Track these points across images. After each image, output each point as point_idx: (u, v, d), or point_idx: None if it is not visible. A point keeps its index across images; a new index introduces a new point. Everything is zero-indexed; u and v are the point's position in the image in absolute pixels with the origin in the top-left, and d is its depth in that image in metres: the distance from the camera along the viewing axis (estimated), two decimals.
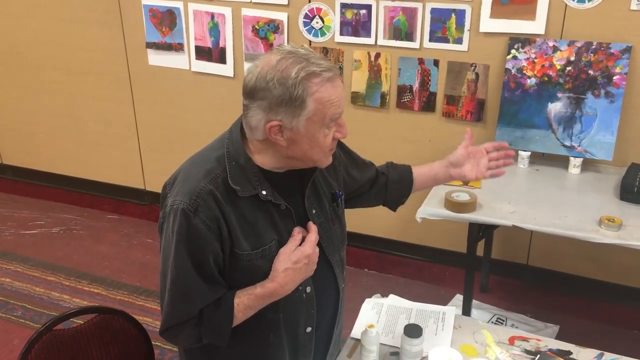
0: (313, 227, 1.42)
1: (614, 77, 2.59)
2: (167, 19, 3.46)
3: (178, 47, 3.50)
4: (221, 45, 3.37)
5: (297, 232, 1.40)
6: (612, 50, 2.59)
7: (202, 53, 3.45)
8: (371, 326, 1.54)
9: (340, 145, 1.63)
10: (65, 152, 4.16)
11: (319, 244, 1.44)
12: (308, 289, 1.45)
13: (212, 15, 3.34)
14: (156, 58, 3.59)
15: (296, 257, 1.36)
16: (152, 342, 1.73)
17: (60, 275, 3.36)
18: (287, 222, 1.41)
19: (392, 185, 1.76)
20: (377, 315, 1.76)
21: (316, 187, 1.50)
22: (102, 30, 3.67)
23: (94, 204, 4.14)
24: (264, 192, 1.36)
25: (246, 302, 1.36)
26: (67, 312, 1.62)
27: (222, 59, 3.40)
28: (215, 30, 3.36)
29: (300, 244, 1.39)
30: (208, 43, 3.41)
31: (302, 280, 1.40)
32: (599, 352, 1.59)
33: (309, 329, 1.49)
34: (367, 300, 1.83)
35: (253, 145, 1.38)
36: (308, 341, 1.50)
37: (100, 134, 3.98)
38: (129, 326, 1.68)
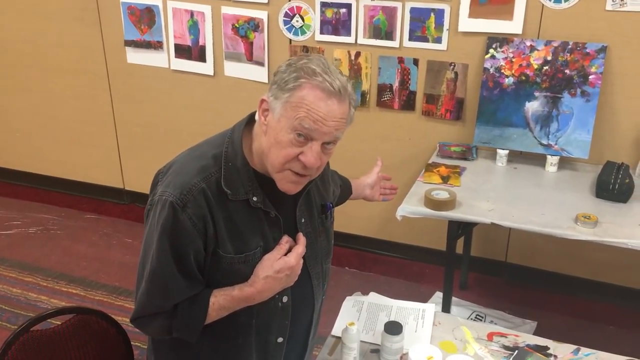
0: (302, 240, 1.39)
1: (590, 77, 2.63)
2: (146, 16, 3.43)
3: (157, 45, 3.47)
4: (201, 43, 3.36)
5: (285, 242, 1.38)
6: (588, 50, 2.62)
7: (182, 51, 3.42)
8: (352, 324, 1.54)
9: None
10: (42, 151, 4.10)
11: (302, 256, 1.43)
12: (285, 299, 1.43)
13: (192, 13, 3.32)
14: (135, 56, 3.56)
15: (279, 266, 1.34)
16: (132, 343, 1.72)
17: (38, 275, 3.32)
18: (274, 230, 1.40)
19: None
20: (358, 313, 1.77)
21: (309, 198, 1.48)
22: (79, 28, 3.62)
23: (72, 203, 4.09)
24: (255, 199, 1.35)
25: (222, 302, 1.35)
26: (44, 312, 1.60)
27: (201, 57, 3.39)
28: (194, 28, 3.34)
29: (286, 254, 1.37)
30: (187, 41, 3.39)
31: (281, 289, 1.38)
32: (575, 347, 1.62)
33: (280, 339, 1.47)
34: (347, 298, 1.84)
35: (253, 141, 1.37)
36: (278, 352, 1.49)
37: (78, 133, 3.93)
38: (108, 326, 1.66)
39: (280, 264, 1.34)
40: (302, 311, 1.51)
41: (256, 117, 1.37)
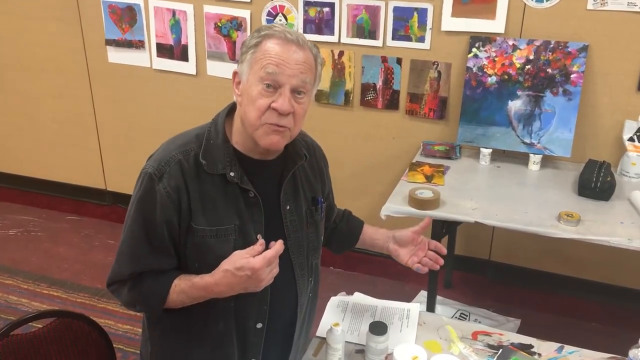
0: (276, 246, 1.34)
1: (572, 76, 2.65)
2: (127, 15, 3.40)
3: (139, 44, 3.44)
4: (183, 42, 3.33)
5: (260, 244, 1.34)
6: (569, 49, 2.64)
7: (164, 50, 3.39)
8: (336, 324, 1.53)
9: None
10: (22, 152, 4.04)
11: (284, 242, 1.42)
12: None
13: (174, 12, 3.29)
14: (116, 55, 3.52)
15: (240, 264, 1.31)
16: (114, 346, 1.70)
17: (18, 278, 3.27)
18: (254, 210, 1.41)
19: (338, 236, 1.77)
20: (343, 314, 1.76)
21: (296, 184, 1.50)
22: (59, 27, 3.58)
23: (53, 204, 4.04)
24: (232, 174, 1.37)
25: (183, 286, 1.38)
26: (24, 316, 1.57)
27: (184, 57, 3.36)
28: (176, 27, 3.31)
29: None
30: (170, 40, 3.36)
31: (242, 291, 1.35)
32: (559, 345, 1.63)
33: (259, 325, 1.47)
34: (332, 298, 1.83)
35: (235, 122, 1.42)
36: (258, 338, 1.49)
37: (59, 133, 3.89)
38: (90, 329, 1.64)
39: (242, 262, 1.31)
40: (283, 300, 1.50)
41: (234, 98, 1.42)
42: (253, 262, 1.31)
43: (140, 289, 1.41)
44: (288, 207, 1.47)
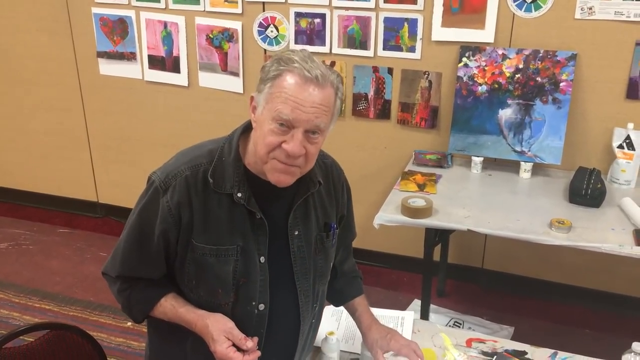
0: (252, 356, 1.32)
1: (561, 84, 2.68)
2: (119, 27, 3.40)
3: (130, 57, 3.44)
4: (175, 54, 3.34)
5: (254, 342, 1.33)
6: (558, 58, 2.67)
7: (155, 62, 3.40)
8: (331, 333, 1.54)
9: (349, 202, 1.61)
10: (13, 164, 4.02)
11: (290, 268, 1.42)
12: (261, 307, 1.40)
13: (165, 24, 3.30)
14: (107, 67, 3.53)
15: (219, 343, 1.30)
16: (108, 359, 1.69)
17: (10, 292, 3.24)
18: (259, 233, 1.38)
19: (329, 289, 1.63)
20: (337, 323, 1.76)
21: (308, 208, 1.45)
22: (51, 39, 3.58)
23: (44, 217, 4.02)
24: (239, 195, 1.34)
25: (167, 310, 1.39)
26: (16, 329, 1.56)
27: (175, 68, 3.37)
28: (168, 39, 3.32)
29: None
30: (161, 52, 3.36)
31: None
32: (552, 351, 1.63)
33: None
34: (327, 307, 1.83)
35: (250, 143, 1.37)
36: None
37: (50, 146, 3.87)
38: (83, 342, 1.63)
39: (220, 348, 1.30)
40: (283, 325, 1.46)
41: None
42: (217, 349, 1.30)
43: (127, 296, 1.43)
44: (296, 232, 1.43)
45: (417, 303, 2.99)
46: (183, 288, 1.41)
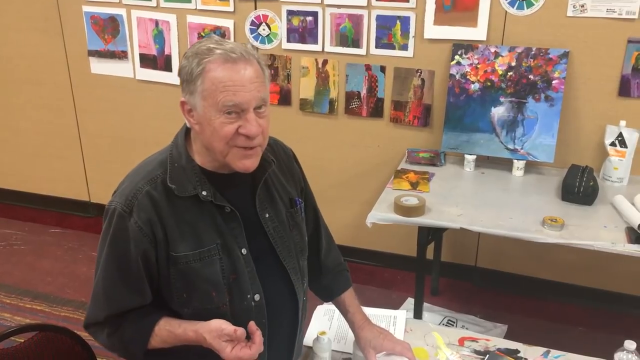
0: (254, 347, 1.29)
1: (553, 82, 2.68)
2: (110, 26, 3.38)
3: (121, 55, 3.42)
4: (166, 52, 3.32)
5: (241, 332, 1.28)
6: (550, 56, 2.67)
7: (147, 61, 3.38)
8: (323, 333, 1.53)
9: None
10: (4, 164, 4.00)
11: (272, 251, 1.42)
12: (257, 297, 1.40)
13: (157, 23, 3.28)
14: (99, 66, 3.51)
15: (217, 345, 1.28)
16: (97, 359, 1.67)
17: (1, 292, 3.22)
18: (233, 225, 1.38)
19: (315, 286, 1.66)
20: (329, 322, 1.75)
21: (270, 191, 1.46)
22: (41, 38, 3.55)
23: (36, 217, 4.00)
24: (204, 193, 1.34)
25: (165, 336, 1.35)
26: (6, 330, 1.55)
27: (167, 67, 3.35)
28: (160, 37, 3.30)
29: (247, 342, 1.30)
30: (153, 50, 3.35)
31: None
32: (545, 349, 1.63)
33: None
34: (318, 307, 1.82)
35: (195, 144, 1.37)
36: (261, 354, 1.47)
37: (41, 145, 3.85)
38: (73, 343, 1.61)
39: (216, 345, 1.28)
40: (283, 308, 1.47)
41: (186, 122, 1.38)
42: (234, 355, 1.27)
43: (120, 337, 1.37)
44: (267, 215, 1.44)
45: (410, 301, 2.99)
46: (175, 307, 1.38)
